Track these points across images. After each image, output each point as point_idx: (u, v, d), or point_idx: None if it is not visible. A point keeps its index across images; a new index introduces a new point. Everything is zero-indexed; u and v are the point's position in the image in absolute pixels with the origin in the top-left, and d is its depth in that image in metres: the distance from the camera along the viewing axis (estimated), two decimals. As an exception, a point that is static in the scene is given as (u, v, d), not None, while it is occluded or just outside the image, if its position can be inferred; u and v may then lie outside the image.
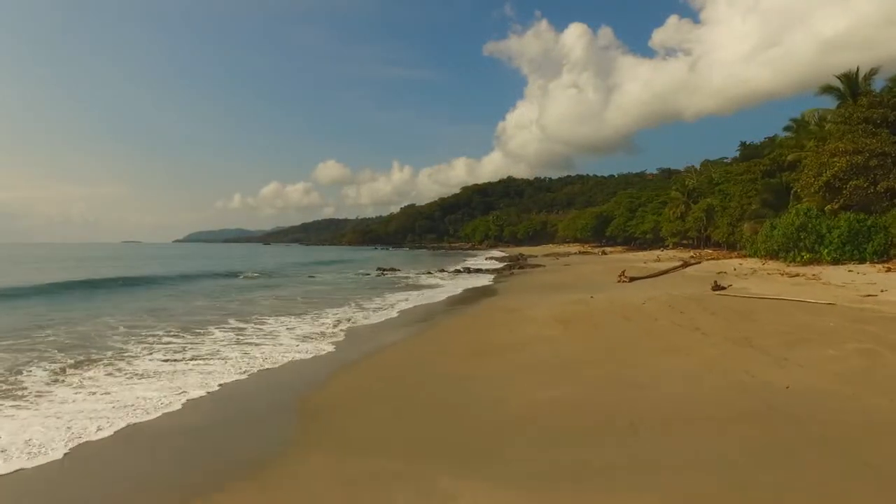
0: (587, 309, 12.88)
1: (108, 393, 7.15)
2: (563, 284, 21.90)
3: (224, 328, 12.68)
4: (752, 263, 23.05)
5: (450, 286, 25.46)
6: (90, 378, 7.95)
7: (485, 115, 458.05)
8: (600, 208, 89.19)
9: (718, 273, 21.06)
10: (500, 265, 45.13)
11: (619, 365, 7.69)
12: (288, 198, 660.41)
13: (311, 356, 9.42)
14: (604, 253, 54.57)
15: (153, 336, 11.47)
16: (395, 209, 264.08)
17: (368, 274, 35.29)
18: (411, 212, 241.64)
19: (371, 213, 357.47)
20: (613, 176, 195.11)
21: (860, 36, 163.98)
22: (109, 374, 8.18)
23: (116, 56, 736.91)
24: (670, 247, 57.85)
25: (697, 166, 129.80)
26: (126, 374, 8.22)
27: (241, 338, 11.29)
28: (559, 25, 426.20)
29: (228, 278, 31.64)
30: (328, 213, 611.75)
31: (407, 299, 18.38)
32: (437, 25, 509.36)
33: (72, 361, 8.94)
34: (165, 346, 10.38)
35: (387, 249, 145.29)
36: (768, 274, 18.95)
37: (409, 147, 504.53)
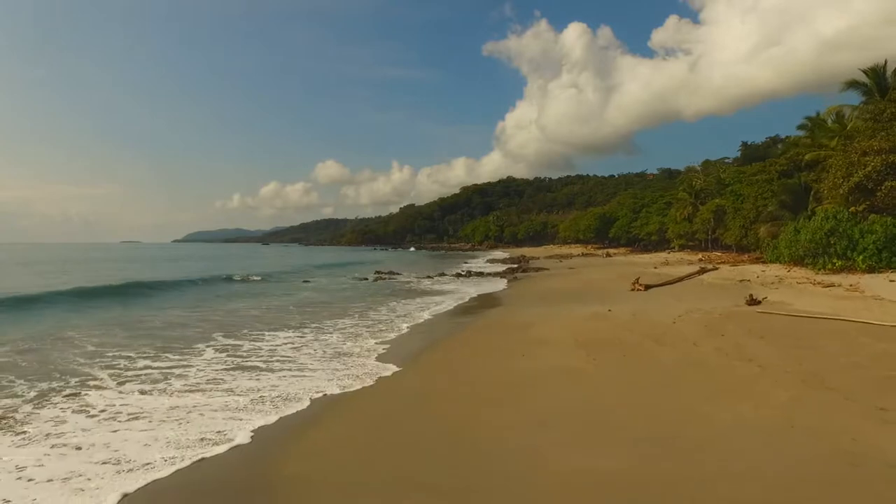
0: (609, 328, 11.32)
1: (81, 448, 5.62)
2: (574, 292, 20.34)
3: (214, 345, 11.17)
4: (775, 270, 21.50)
5: (452, 293, 23.97)
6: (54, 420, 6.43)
7: (484, 115, 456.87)
8: (603, 209, 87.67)
9: (741, 281, 19.50)
10: (502, 268, 43.58)
11: (667, 415, 6.12)
12: (287, 198, 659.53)
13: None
14: (608, 255, 53.03)
15: (125, 358, 9.89)
16: (395, 209, 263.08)
17: (366, 279, 33.69)
18: (410, 212, 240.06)
19: (370, 213, 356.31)
20: (614, 176, 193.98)
21: (860, 35, 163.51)
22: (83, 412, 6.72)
23: (115, 56, 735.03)
24: (676, 249, 56.34)
25: (698, 166, 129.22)
26: (105, 412, 6.75)
27: (239, 360, 9.84)
28: (558, 25, 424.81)
29: (218, 284, 30.04)
30: (327, 213, 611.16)
31: (406, 314, 16.79)
32: (437, 25, 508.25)
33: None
34: (140, 372, 8.80)
35: (386, 250, 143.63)
36: (798, 283, 17.38)
37: (408, 147, 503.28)
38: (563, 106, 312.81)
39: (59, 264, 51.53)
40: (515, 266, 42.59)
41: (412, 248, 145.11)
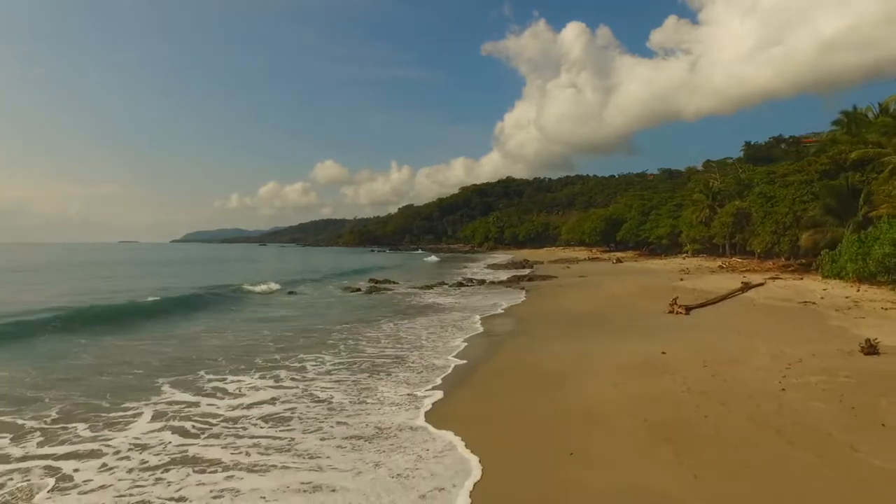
0: (680, 390, 7.99)
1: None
2: (599, 315, 17.02)
3: (157, 401, 8.11)
4: (838, 289, 18.18)
5: (451, 310, 20.72)
6: None
7: (483, 115, 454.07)
8: (608, 210, 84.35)
9: (804, 303, 16.19)
10: (505, 275, 40.27)
11: None
12: (286, 198, 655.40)
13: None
14: (618, 261, 49.64)
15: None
16: (394, 209, 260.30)
17: (359, 289, 30.36)
18: (409, 212, 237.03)
19: (369, 213, 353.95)
20: (614, 176, 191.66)
21: (860, 35, 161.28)
22: None
23: (113, 56, 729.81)
24: (689, 253, 53.11)
25: (699, 167, 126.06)
26: None
27: (189, 441, 6.58)
28: (557, 25, 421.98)
29: (190, 299, 26.66)
30: (326, 213, 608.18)
31: (399, 347, 13.47)
32: (435, 25, 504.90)
33: None
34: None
35: (384, 252, 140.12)
36: (883, 309, 14.10)
37: (407, 147, 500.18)
38: (562, 106, 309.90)
39: (48, 273, 47.70)
40: (521, 274, 39.21)
41: (420, 250, 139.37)
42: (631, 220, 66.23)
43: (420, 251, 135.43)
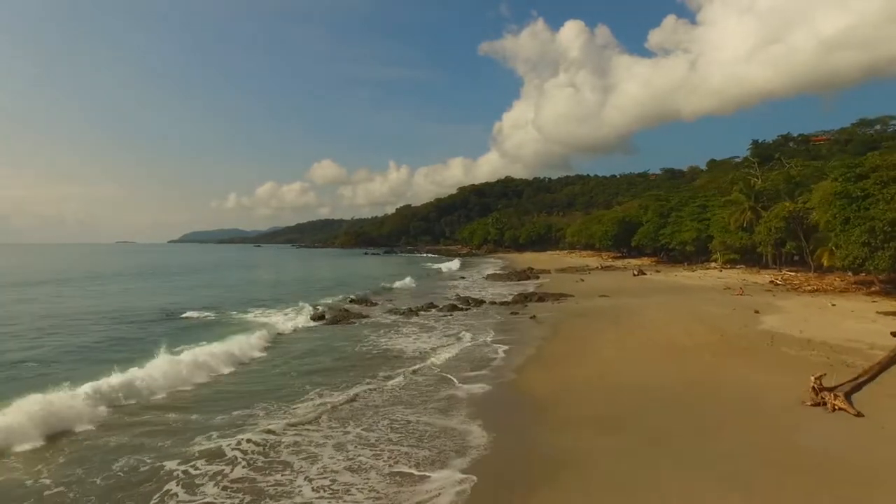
0: None
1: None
2: (678, 408, 9.52)
3: None
4: None
5: (440, 359, 13.37)
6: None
7: (481, 115, 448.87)
8: (620, 212, 76.73)
9: None
10: (507, 292, 32.76)
11: None
12: (283, 198, 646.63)
13: None
14: (640, 272, 41.90)
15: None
16: (392, 210, 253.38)
17: (322, 317, 23.01)
18: (406, 213, 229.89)
19: (367, 213, 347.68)
20: (615, 176, 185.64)
21: (860, 35, 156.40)
22: None
23: (111, 56, 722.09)
24: (719, 262, 45.57)
25: (703, 166, 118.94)
26: None
27: None
28: (555, 25, 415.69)
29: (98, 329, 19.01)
30: (324, 213, 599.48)
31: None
32: (433, 26, 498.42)
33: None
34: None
35: (378, 254, 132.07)
36: None
37: (405, 147, 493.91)
38: (561, 105, 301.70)
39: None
40: (527, 292, 31.54)
41: (425, 254, 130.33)
42: (649, 223, 58.51)
43: (424, 255, 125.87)
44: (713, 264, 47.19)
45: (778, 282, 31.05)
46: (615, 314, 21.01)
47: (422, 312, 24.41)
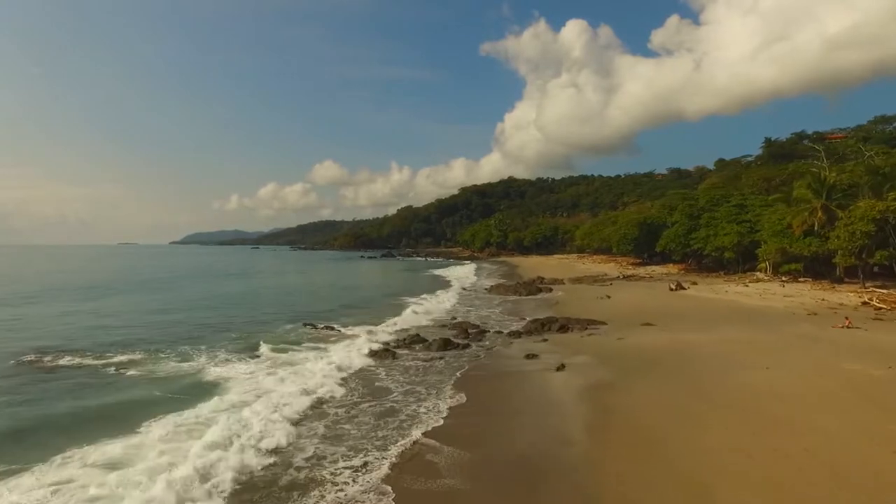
0: None
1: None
2: None
3: None
4: None
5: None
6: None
7: (483, 115, 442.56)
8: (639, 213, 69.15)
9: None
10: (518, 317, 25.47)
11: None
12: (285, 199, 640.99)
13: None
14: (679, 286, 34.33)
15: None
16: (393, 211, 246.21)
17: (252, 371, 15.73)
18: (407, 214, 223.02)
19: (369, 214, 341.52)
20: (620, 176, 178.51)
21: (865, 33, 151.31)
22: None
23: (113, 57, 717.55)
24: (768, 272, 38.13)
25: (709, 166, 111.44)
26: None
27: None
28: (557, 25, 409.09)
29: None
30: (326, 214, 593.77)
31: None
32: (434, 26, 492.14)
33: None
34: None
35: (375, 258, 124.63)
36: None
37: (407, 148, 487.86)
38: (563, 106, 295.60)
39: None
40: (542, 318, 23.89)
41: (424, 258, 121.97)
42: (677, 224, 50.97)
43: (429, 259, 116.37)
44: (759, 274, 39.77)
45: (876, 303, 23.62)
46: (692, 369, 13.67)
47: (403, 351, 17.19)
